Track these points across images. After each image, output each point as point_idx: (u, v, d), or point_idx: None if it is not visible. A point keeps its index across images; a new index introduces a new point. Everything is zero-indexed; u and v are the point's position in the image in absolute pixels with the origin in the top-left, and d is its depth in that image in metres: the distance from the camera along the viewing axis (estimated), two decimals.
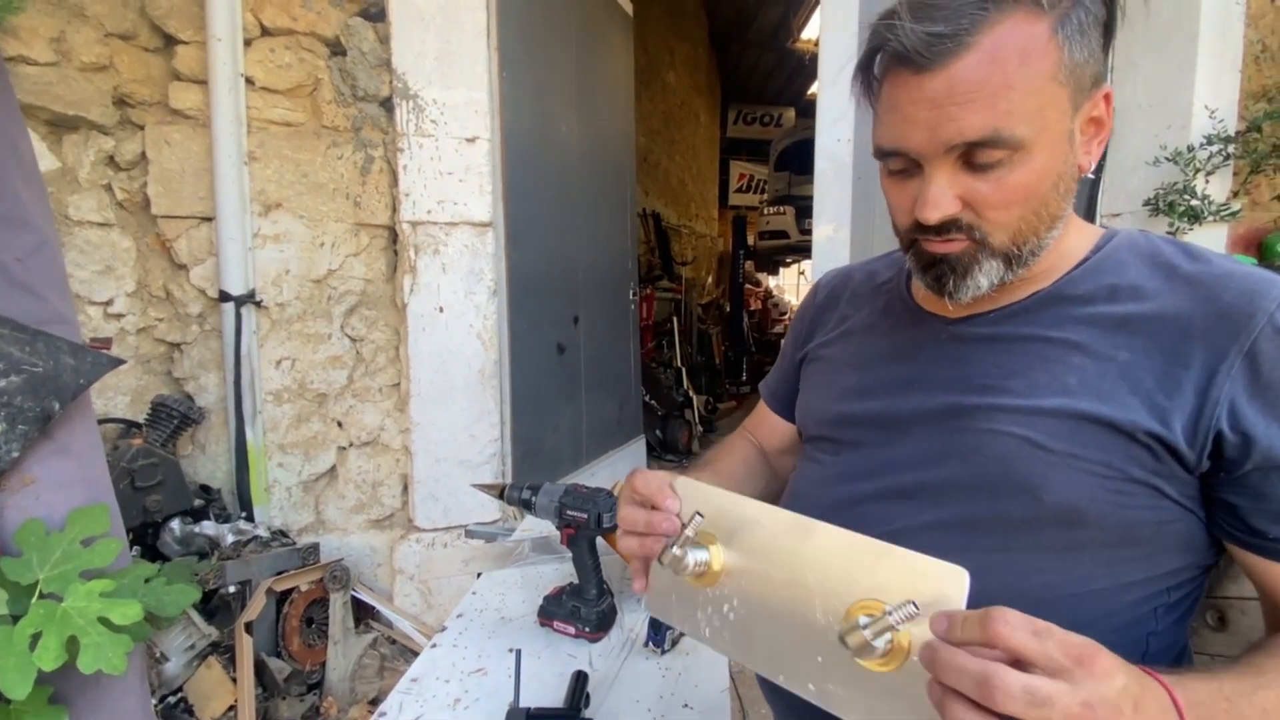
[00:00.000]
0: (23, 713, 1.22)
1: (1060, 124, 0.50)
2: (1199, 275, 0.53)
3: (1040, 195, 0.52)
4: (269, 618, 1.96)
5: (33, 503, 1.34)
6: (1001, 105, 0.48)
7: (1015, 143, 0.49)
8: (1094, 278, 0.57)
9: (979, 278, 0.55)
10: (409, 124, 2.17)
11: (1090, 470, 0.51)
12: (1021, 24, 0.48)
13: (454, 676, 0.98)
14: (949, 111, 0.49)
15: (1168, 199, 2.15)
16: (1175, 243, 0.57)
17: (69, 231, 1.99)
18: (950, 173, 0.52)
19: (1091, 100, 0.52)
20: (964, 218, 0.53)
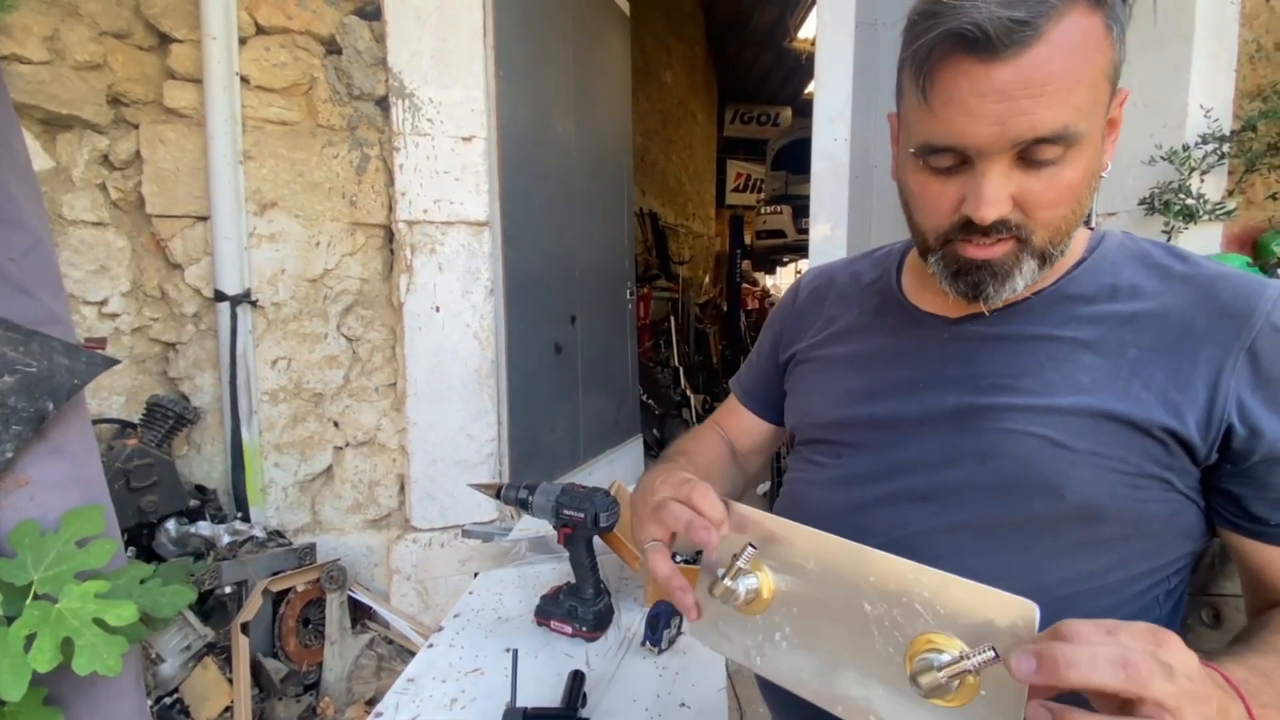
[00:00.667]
0: (18, 714, 1.21)
1: (1101, 121, 0.50)
2: (1193, 275, 0.55)
3: (1081, 193, 0.51)
4: (265, 618, 1.96)
5: (27, 503, 1.33)
6: (1073, 100, 0.46)
7: (1078, 139, 0.48)
8: (1093, 277, 0.58)
9: (1017, 280, 0.54)
10: (405, 123, 2.17)
11: (1110, 467, 0.53)
12: (1083, 16, 0.46)
13: (451, 677, 0.98)
14: (1022, 104, 0.46)
15: (1163, 198, 2.16)
16: (1161, 245, 0.59)
17: (63, 231, 1.98)
18: (1006, 169, 0.49)
19: (1115, 99, 0.52)
20: (1013, 217, 0.51)
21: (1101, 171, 0.53)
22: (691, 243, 7.51)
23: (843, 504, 0.64)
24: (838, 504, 0.64)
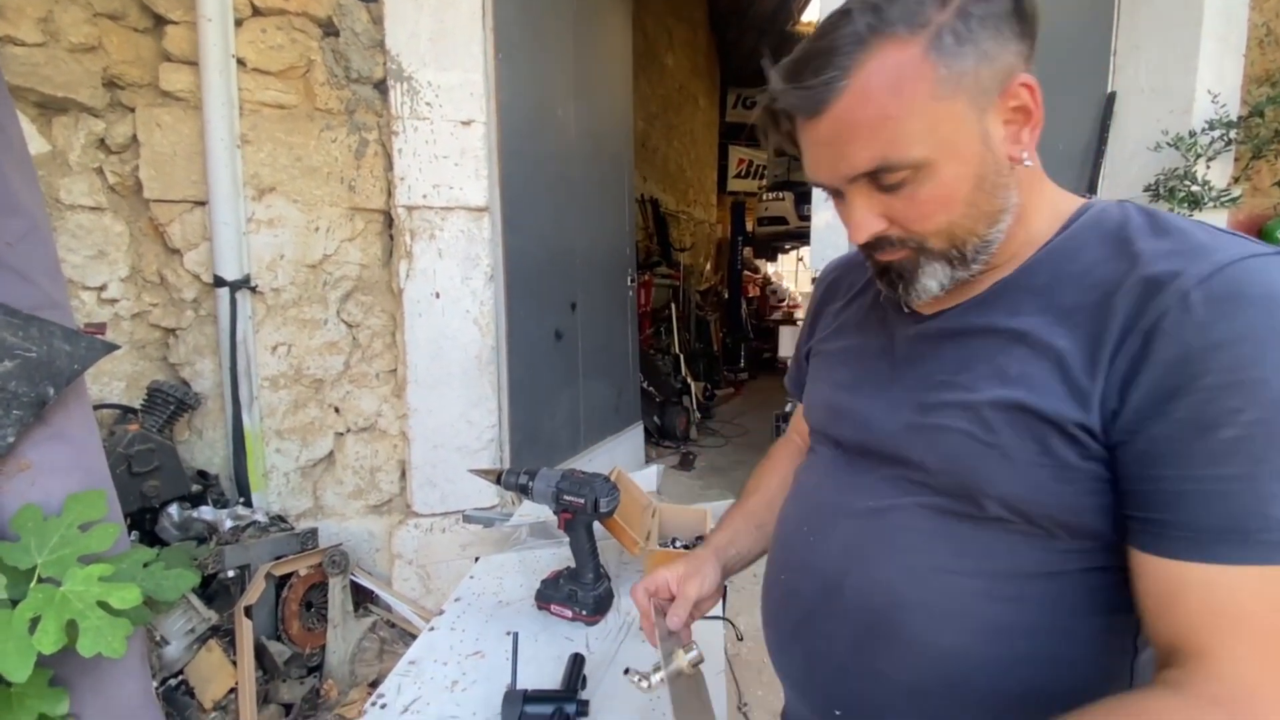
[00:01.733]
0: (24, 695, 1.23)
1: (963, 132, 0.51)
2: (1151, 250, 0.50)
3: (961, 200, 0.53)
4: (268, 602, 1.97)
5: (29, 488, 1.33)
6: (884, 136, 0.51)
7: (909, 164, 0.51)
8: (1050, 263, 0.55)
9: (927, 281, 0.57)
10: (403, 106, 2.15)
11: (1030, 461, 0.51)
12: (891, 54, 0.49)
13: (452, 659, 0.99)
14: (839, 150, 0.53)
15: (1169, 184, 2.14)
16: (1152, 213, 0.54)
17: (60, 216, 1.97)
18: (866, 196, 0.54)
19: (1004, 94, 0.52)
20: (893, 233, 0.55)
21: (1014, 164, 0.53)
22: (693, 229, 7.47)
23: (828, 488, 0.69)
24: (822, 500, 0.69)
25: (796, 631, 0.67)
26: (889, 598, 0.58)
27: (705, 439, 4.77)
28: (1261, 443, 0.42)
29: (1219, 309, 0.44)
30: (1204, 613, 0.44)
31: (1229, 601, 0.43)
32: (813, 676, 0.65)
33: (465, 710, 0.88)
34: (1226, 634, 0.43)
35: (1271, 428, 0.42)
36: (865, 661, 0.60)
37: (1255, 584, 0.42)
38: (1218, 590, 0.44)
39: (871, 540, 0.61)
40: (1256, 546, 0.42)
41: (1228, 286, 0.44)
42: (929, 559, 0.57)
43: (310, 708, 1.92)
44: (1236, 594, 0.43)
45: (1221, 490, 0.43)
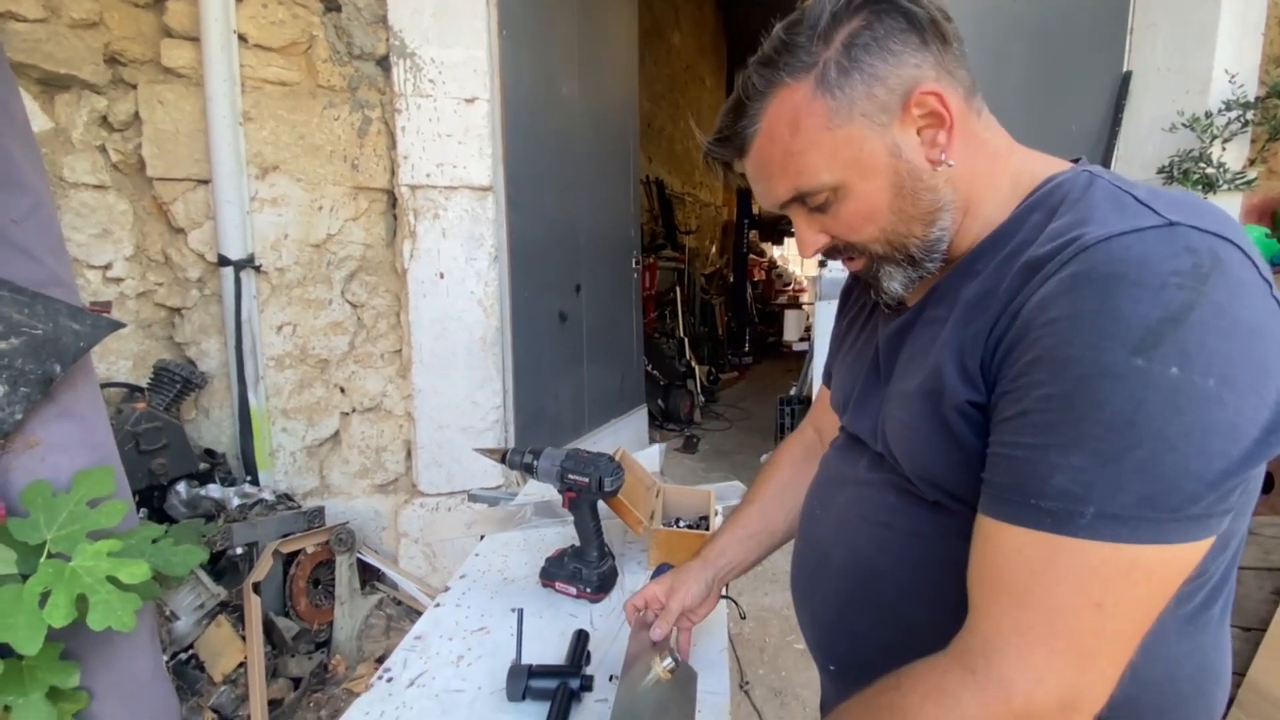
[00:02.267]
0: (35, 669, 1.25)
1: (866, 150, 0.54)
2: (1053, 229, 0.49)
3: (883, 209, 0.56)
4: (276, 579, 2.00)
5: (38, 464, 1.35)
6: (792, 169, 0.57)
7: (822, 188, 0.56)
8: (991, 246, 0.56)
9: (888, 283, 0.61)
10: (406, 83, 2.13)
11: (943, 444, 0.53)
12: (786, 98, 0.55)
13: (457, 635, 1.00)
14: (763, 185, 0.60)
15: (1183, 166, 2.11)
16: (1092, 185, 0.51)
17: (64, 194, 1.96)
18: (804, 218, 0.61)
19: (906, 107, 0.54)
20: (839, 244, 0.61)
21: (935, 166, 0.55)
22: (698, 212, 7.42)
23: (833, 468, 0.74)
24: (831, 470, 0.75)
25: (803, 594, 0.73)
26: (865, 566, 0.63)
27: (709, 422, 4.78)
28: (1057, 416, 0.43)
29: (1063, 287, 0.44)
30: (980, 568, 0.48)
31: (998, 560, 0.46)
32: (815, 636, 0.72)
33: (470, 684, 0.89)
34: (990, 590, 0.47)
35: (1071, 402, 0.42)
36: (848, 624, 0.65)
37: (1021, 545, 0.44)
38: (992, 548, 0.47)
39: (853, 512, 0.66)
40: (1028, 511, 0.44)
41: (1080, 265, 0.44)
42: (896, 531, 0.60)
43: (318, 682, 1.95)
44: (1005, 553, 0.46)
45: (1016, 456, 0.45)
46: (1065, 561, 0.43)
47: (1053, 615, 0.43)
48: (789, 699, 1.97)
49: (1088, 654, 0.43)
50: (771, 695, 1.99)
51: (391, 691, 0.87)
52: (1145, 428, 0.40)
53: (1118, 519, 0.41)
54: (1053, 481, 0.43)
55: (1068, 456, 0.42)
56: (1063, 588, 0.43)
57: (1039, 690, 0.43)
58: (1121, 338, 0.41)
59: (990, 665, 0.45)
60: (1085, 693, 0.43)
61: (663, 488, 1.38)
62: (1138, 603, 0.43)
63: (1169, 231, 0.43)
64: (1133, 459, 0.40)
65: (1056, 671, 0.43)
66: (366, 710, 0.84)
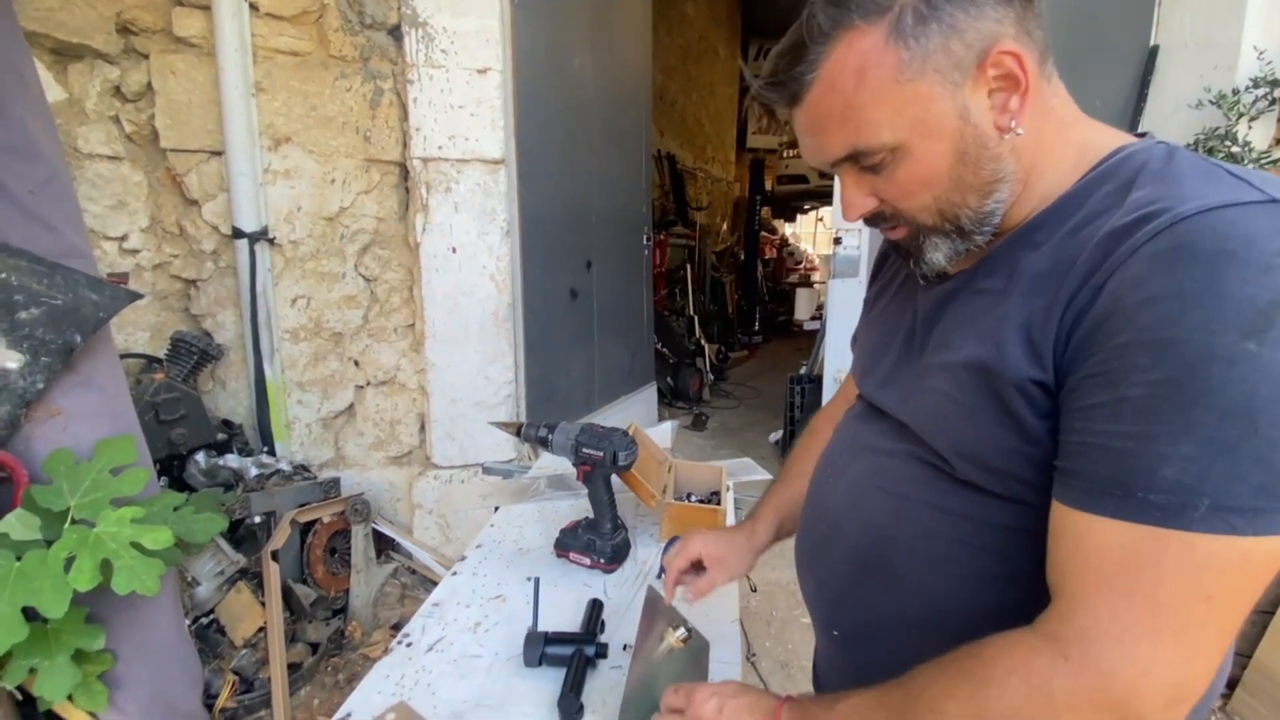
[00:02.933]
0: (60, 632, 1.28)
1: (935, 110, 0.51)
2: (1135, 200, 0.47)
3: (943, 176, 0.53)
4: (294, 547, 2.04)
5: (60, 433, 1.37)
6: (851, 124, 0.52)
7: (880, 148, 0.52)
8: (1054, 216, 0.53)
9: (931, 255, 0.57)
10: (418, 54, 2.10)
11: (992, 420, 0.51)
12: (854, 43, 0.50)
13: (474, 602, 1.02)
14: (815, 139, 0.56)
15: (1208, 144, 2.06)
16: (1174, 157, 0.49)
17: (79, 165, 1.96)
18: (854, 177, 0.56)
19: (982, 66, 0.50)
20: (885, 210, 0.57)
21: (1003, 134, 0.52)
22: (710, 188, 7.33)
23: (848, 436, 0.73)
24: (846, 437, 0.74)
25: (809, 560, 0.73)
26: (880, 535, 0.62)
27: (718, 400, 4.79)
28: (1163, 403, 0.41)
29: (1160, 263, 0.42)
30: (1075, 558, 0.46)
31: (1097, 551, 0.44)
32: (820, 600, 0.72)
33: (487, 650, 0.91)
34: (1087, 580, 0.45)
35: (1179, 389, 0.40)
36: (858, 592, 0.64)
37: (1125, 539, 0.43)
38: (1091, 539, 0.44)
39: (870, 482, 0.64)
40: (1135, 505, 0.42)
41: (1178, 239, 0.42)
42: (915, 504, 0.59)
43: (335, 647, 2.00)
44: (1106, 546, 0.44)
45: (1117, 446, 0.43)
46: (1175, 554, 0.41)
47: (1161, 609, 0.42)
48: (795, 671, 2.00)
49: (1195, 647, 0.42)
50: (778, 667, 2.03)
51: (411, 656, 0.90)
52: (1260, 415, 0.38)
53: (1233, 510, 0.39)
54: (1162, 473, 0.41)
55: (1177, 446, 0.40)
56: (1173, 581, 0.41)
57: (1144, 683, 0.42)
58: (1232, 320, 0.39)
59: (1088, 655, 0.43)
60: (1190, 685, 0.42)
61: (675, 463, 1.40)
62: (1246, 595, 0.42)
63: (1274, 208, 0.41)
64: (1249, 448, 0.39)
65: (1163, 665, 0.42)
66: (387, 674, 0.86)
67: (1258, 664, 1.75)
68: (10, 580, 1.16)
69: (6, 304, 1.26)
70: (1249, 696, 1.75)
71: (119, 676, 1.40)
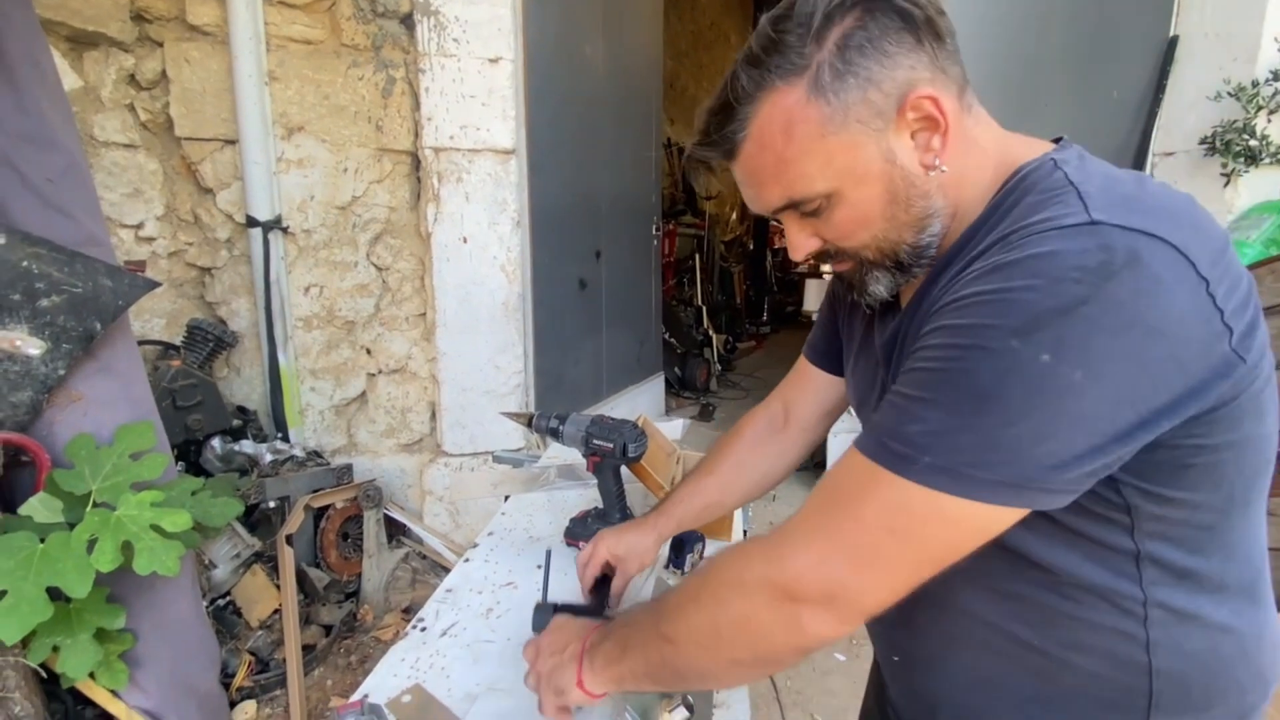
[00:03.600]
0: (82, 611, 1.32)
1: (861, 156, 0.53)
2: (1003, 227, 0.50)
3: (877, 217, 0.56)
4: (307, 531, 2.08)
5: (81, 419, 1.40)
6: (785, 177, 0.55)
7: (816, 196, 0.55)
8: (963, 246, 0.56)
9: (874, 287, 0.61)
10: (430, 42, 2.10)
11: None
12: (778, 102, 0.53)
13: (486, 589, 1.04)
14: (753, 191, 0.59)
15: (1225, 138, 2.04)
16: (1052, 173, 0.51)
17: (96, 153, 1.98)
18: (796, 222, 0.59)
19: (901, 111, 0.52)
20: (830, 249, 0.60)
21: (928, 172, 0.54)
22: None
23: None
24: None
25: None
26: None
27: (725, 391, 4.80)
28: (932, 377, 0.47)
29: (978, 275, 0.47)
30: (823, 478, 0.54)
31: (836, 474, 0.52)
32: (876, 629, 0.74)
33: (500, 635, 0.93)
34: (817, 494, 0.53)
35: (945, 366, 0.46)
36: (906, 616, 0.65)
37: (856, 468, 0.50)
38: (839, 466, 0.52)
39: None
40: (877, 446, 0.48)
41: (996, 257, 0.47)
42: None
43: (348, 629, 2.04)
44: (843, 471, 0.51)
45: (893, 403, 0.49)
46: (883, 491, 0.47)
47: (849, 524, 0.49)
48: (807, 668, 2.03)
49: (863, 563, 0.48)
50: None
51: (425, 640, 0.92)
52: (997, 401, 0.43)
53: (943, 471, 0.45)
54: (907, 428, 0.47)
55: (928, 411, 0.46)
56: (871, 509, 0.48)
57: (808, 574, 0.49)
58: (1007, 319, 0.43)
59: (780, 544, 0.52)
60: (848, 593, 0.49)
61: (683, 455, 1.41)
62: (929, 541, 0.47)
63: (1088, 230, 0.44)
64: (977, 425, 0.44)
65: (830, 565, 0.49)
66: (402, 657, 0.88)
67: None
68: (35, 561, 1.19)
69: (28, 291, 1.29)
70: None
71: (139, 655, 1.44)
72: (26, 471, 1.35)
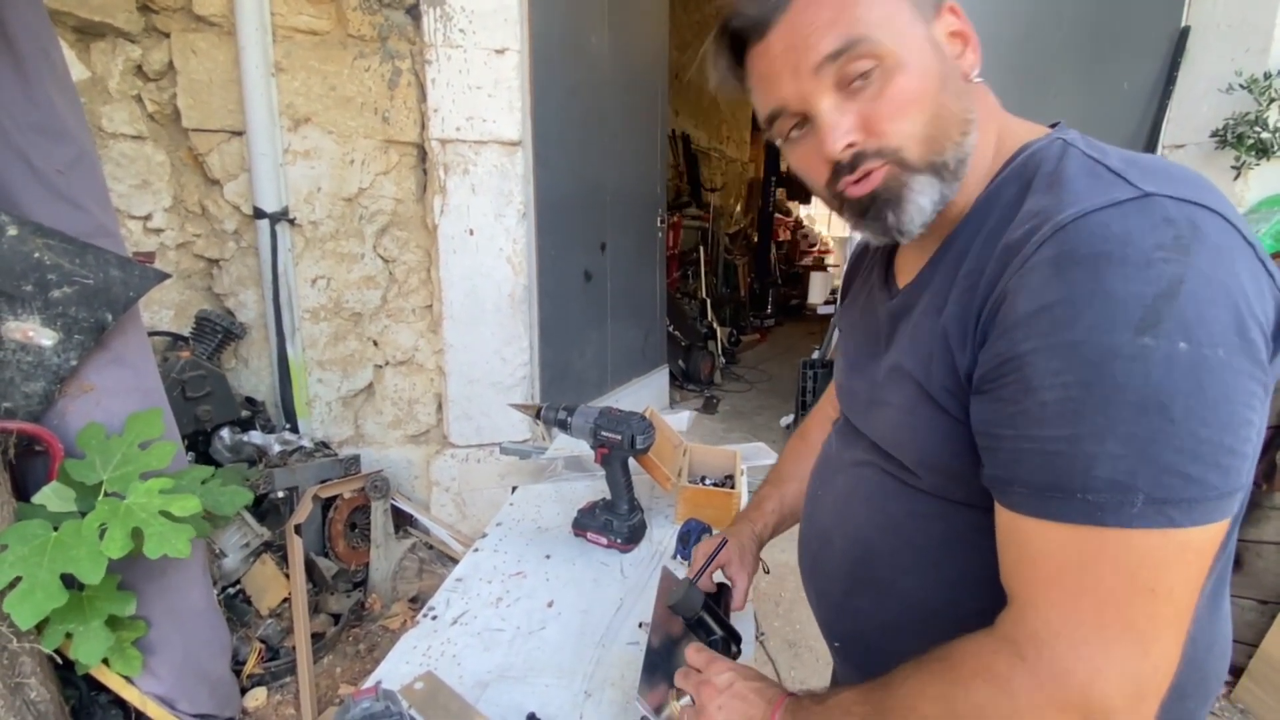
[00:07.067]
0: (94, 598, 1.34)
1: (914, 31, 0.51)
2: (1028, 209, 0.48)
3: (932, 96, 0.51)
4: (316, 521, 2.09)
5: (93, 408, 1.41)
6: (846, 16, 0.50)
7: (875, 47, 0.50)
8: (972, 221, 0.55)
9: (917, 199, 0.53)
10: (436, 33, 2.09)
11: (944, 431, 0.53)
12: None
13: (495, 578, 1.05)
14: (800, 50, 0.52)
15: (1237, 130, 2.02)
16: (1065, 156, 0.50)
17: (104, 144, 1.99)
18: (835, 101, 0.52)
19: (940, 14, 0.53)
20: (869, 145, 0.52)
21: (963, 78, 0.53)
22: (724, 168, 7.26)
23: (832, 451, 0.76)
24: (831, 453, 0.76)
25: (809, 574, 0.76)
26: (863, 546, 0.64)
27: (729, 384, 4.80)
28: (1079, 404, 0.41)
29: (1048, 271, 0.43)
30: (1022, 561, 0.46)
31: (1041, 553, 0.45)
32: (820, 614, 0.75)
33: (509, 624, 0.94)
34: (1036, 582, 0.45)
35: (1089, 389, 0.41)
36: (850, 602, 0.67)
37: (1066, 539, 0.43)
38: (1036, 542, 0.45)
39: (852, 495, 0.67)
40: (1075, 506, 0.42)
41: (1060, 246, 0.43)
42: (894, 514, 0.61)
43: (356, 618, 2.06)
44: (1049, 547, 0.44)
45: (1049, 450, 0.43)
46: (1114, 551, 0.42)
47: (1106, 606, 0.42)
48: (802, 650, 2.04)
49: (1147, 640, 0.42)
50: (786, 646, 2.06)
51: (436, 629, 0.93)
52: (1174, 406, 0.39)
53: (1168, 503, 0.40)
54: (1095, 473, 0.41)
55: (1103, 445, 0.41)
56: (1115, 578, 0.42)
57: (1100, 681, 0.42)
58: (1123, 318, 0.40)
59: (1041, 656, 0.43)
60: (1151, 679, 0.42)
61: (690, 447, 1.42)
62: (1189, 582, 0.42)
63: (1145, 203, 0.42)
64: (1169, 439, 0.39)
65: (1117, 662, 0.42)
66: (414, 645, 0.89)
67: (1264, 653, 1.76)
68: (49, 548, 1.21)
69: (40, 283, 1.30)
70: (1254, 686, 1.76)
71: (152, 642, 1.46)
72: (40, 460, 1.36)
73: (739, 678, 0.62)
